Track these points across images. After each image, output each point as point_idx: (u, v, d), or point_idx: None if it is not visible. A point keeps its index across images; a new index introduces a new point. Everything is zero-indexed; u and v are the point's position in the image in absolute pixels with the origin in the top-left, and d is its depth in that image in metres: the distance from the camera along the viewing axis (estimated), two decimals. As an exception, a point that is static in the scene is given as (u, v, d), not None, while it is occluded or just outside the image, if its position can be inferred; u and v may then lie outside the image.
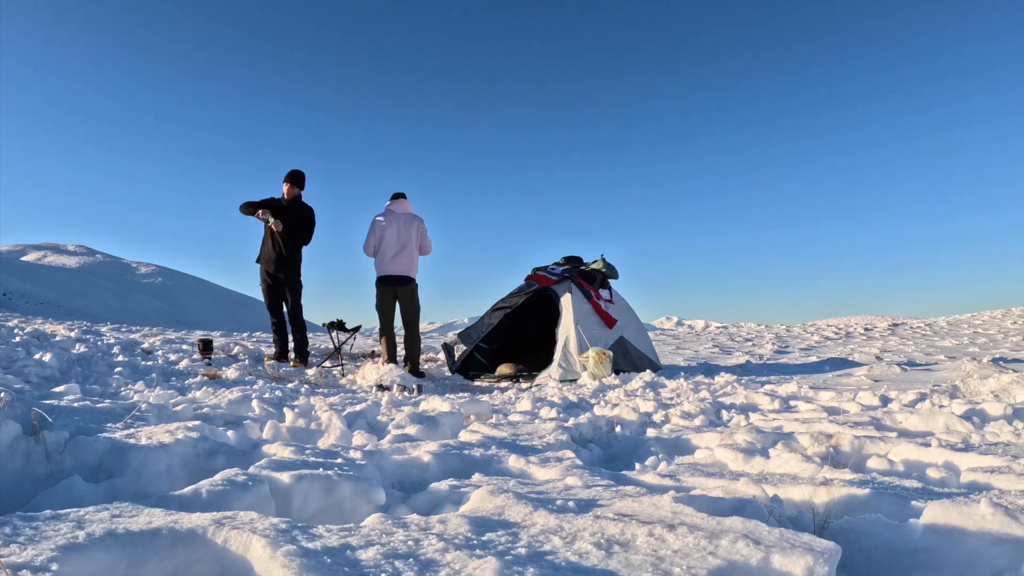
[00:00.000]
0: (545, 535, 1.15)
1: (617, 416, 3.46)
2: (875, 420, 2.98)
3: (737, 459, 2.16)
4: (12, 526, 1.08)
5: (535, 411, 3.85)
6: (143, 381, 4.69)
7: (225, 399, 3.64)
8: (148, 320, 69.70)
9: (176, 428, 1.96)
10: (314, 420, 2.99)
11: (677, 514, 1.21)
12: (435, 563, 1.00)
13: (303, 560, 0.97)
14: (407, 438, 2.66)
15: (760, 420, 3.27)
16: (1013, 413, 3.02)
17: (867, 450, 2.29)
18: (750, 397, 4.29)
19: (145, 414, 2.71)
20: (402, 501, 1.69)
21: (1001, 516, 1.19)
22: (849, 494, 1.52)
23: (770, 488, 1.59)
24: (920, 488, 1.64)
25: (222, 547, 1.07)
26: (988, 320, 15.07)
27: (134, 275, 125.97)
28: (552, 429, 2.76)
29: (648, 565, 1.00)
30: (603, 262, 7.80)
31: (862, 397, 4.01)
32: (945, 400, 3.65)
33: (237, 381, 5.33)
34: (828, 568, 0.97)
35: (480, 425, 2.94)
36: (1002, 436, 2.54)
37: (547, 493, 1.52)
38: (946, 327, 13.74)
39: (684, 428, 3.07)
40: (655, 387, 5.29)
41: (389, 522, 1.21)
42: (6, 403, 1.82)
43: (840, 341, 11.59)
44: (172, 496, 1.37)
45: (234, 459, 1.89)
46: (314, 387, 5.48)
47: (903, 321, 17.30)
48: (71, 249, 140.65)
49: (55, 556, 0.96)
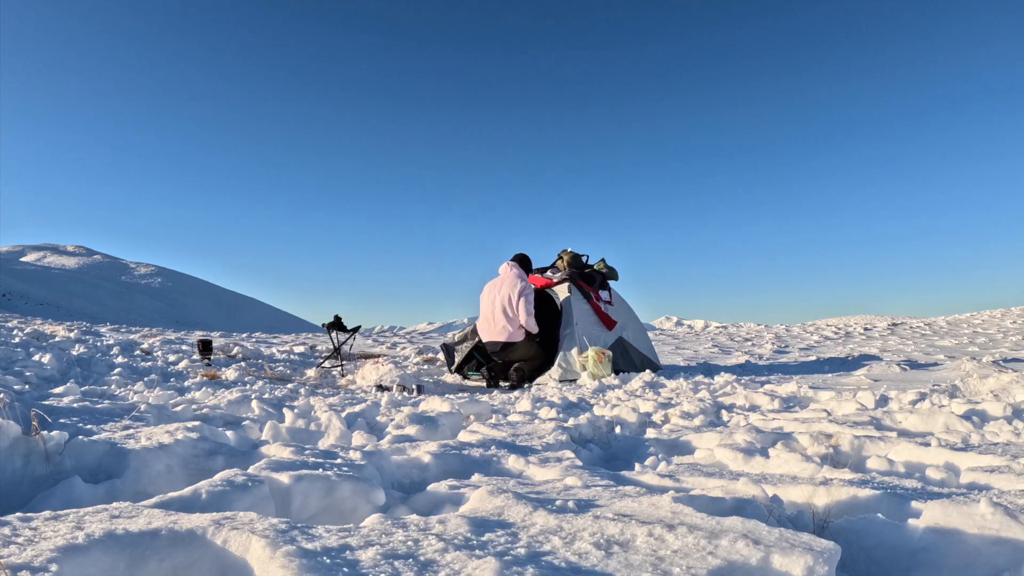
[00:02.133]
0: (545, 535, 1.15)
1: (617, 416, 3.46)
2: (875, 420, 2.98)
3: (737, 459, 2.16)
4: (11, 527, 1.08)
5: (535, 411, 3.85)
6: (142, 382, 4.68)
7: (224, 399, 3.64)
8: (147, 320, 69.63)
9: (175, 429, 1.96)
10: (313, 421, 2.99)
11: (677, 514, 1.21)
12: (434, 563, 1.00)
13: (302, 560, 0.97)
14: (407, 438, 2.66)
15: (760, 420, 3.27)
16: (1013, 413, 3.02)
17: (867, 450, 2.29)
18: (750, 397, 4.29)
19: (144, 415, 2.71)
20: (402, 501, 1.69)
21: (1001, 516, 1.19)
22: (849, 494, 1.52)
23: (770, 488, 1.59)
24: (920, 488, 1.64)
25: (222, 548, 1.07)
26: (987, 320, 15.08)
27: (133, 275, 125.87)
28: (552, 429, 2.76)
29: (648, 565, 1.00)
30: (603, 264, 7.81)
31: (861, 397, 4.01)
32: (945, 400, 3.65)
33: (236, 382, 5.33)
34: (828, 568, 0.97)
35: (479, 425, 2.94)
36: (1002, 436, 2.54)
37: (547, 493, 1.52)
38: (945, 327, 13.75)
39: (684, 428, 3.07)
40: (655, 387, 5.29)
41: (388, 522, 1.21)
42: (5, 404, 1.82)
43: (840, 341, 11.60)
44: (172, 497, 1.37)
45: (234, 460, 1.88)
46: (314, 387, 5.47)
47: (903, 321, 17.31)
48: (70, 250, 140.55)
49: (54, 557, 0.96)
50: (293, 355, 8.28)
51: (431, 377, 7.02)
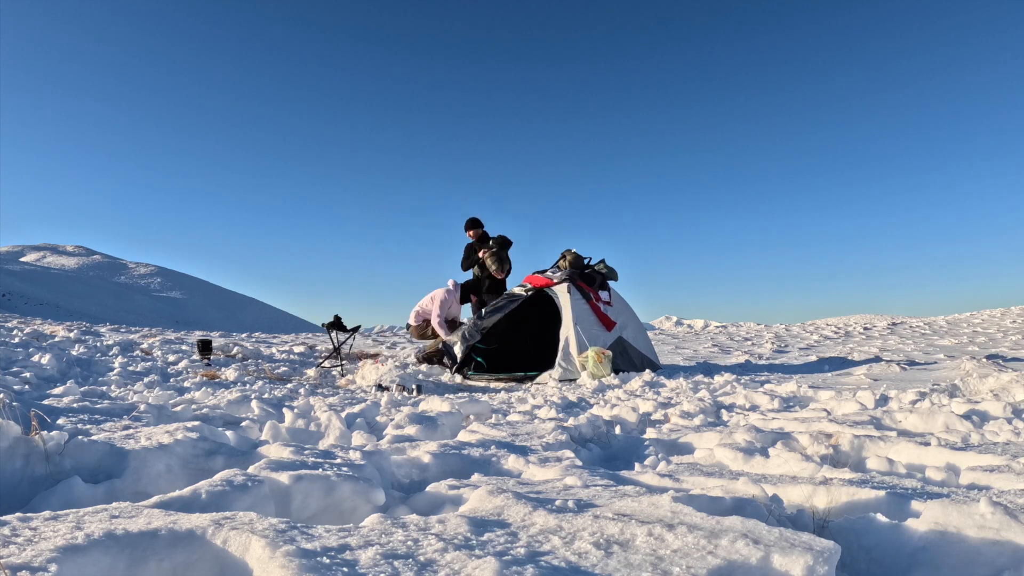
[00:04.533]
0: (544, 535, 1.15)
1: (616, 416, 3.46)
2: (874, 419, 2.98)
3: (736, 458, 2.16)
4: (11, 527, 1.08)
5: (534, 411, 3.85)
6: (142, 382, 4.68)
7: (224, 400, 3.64)
8: (147, 320, 69.62)
9: (175, 428, 1.96)
10: (313, 420, 2.99)
11: (676, 514, 1.21)
12: (434, 563, 1.00)
13: (302, 560, 0.97)
14: (406, 438, 2.66)
15: (759, 420, 3.27)
16: (1013, 412, 3.02)
17: (867, 449, 2.29)
18: (749, 397, 4.29)
19: (144, 414, 2.71)
20: (401, 501, 1.69)
21: (1001, 515, 1.19)
22: (849, 494, 1.52)
23: (769, 488, 1.59)
24: (920, 487, 1.64)
25: (221, 548, 1.07)
26: (987, 319, 15.07)
27: (133, 276, 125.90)
28: (551, 429, 2.75)
29: (647, 565, 1.00)
30: (603, 265, 7.83)
31: (861, 396, 4.01)
32: (945, 399, 3.65)
33: (236, 381, 5.33)
34: (828, 567, 0.97)
35: (479, 425, 2.93)
36: (1002, 435, 2.54)
37: (546, 493, 1.52)
38: (945, 326, 13.75)
39: (684, 428, 3.07)
40: (655, 387, 5.29)
41: (388, 522, 1.21)
42: (5, 404, 1.82)
43: (840, 340, 11.59)
44: (171, 497, 1.37)
45: (233, 460, 1.88)
46: (313, 387, 5.47)
47: (902, 320, 17.31)
48: (70, 250, 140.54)
49: (54, 557, 0.96)
50: (293, 355, 8.28)
51: (431, 377, 7.02)
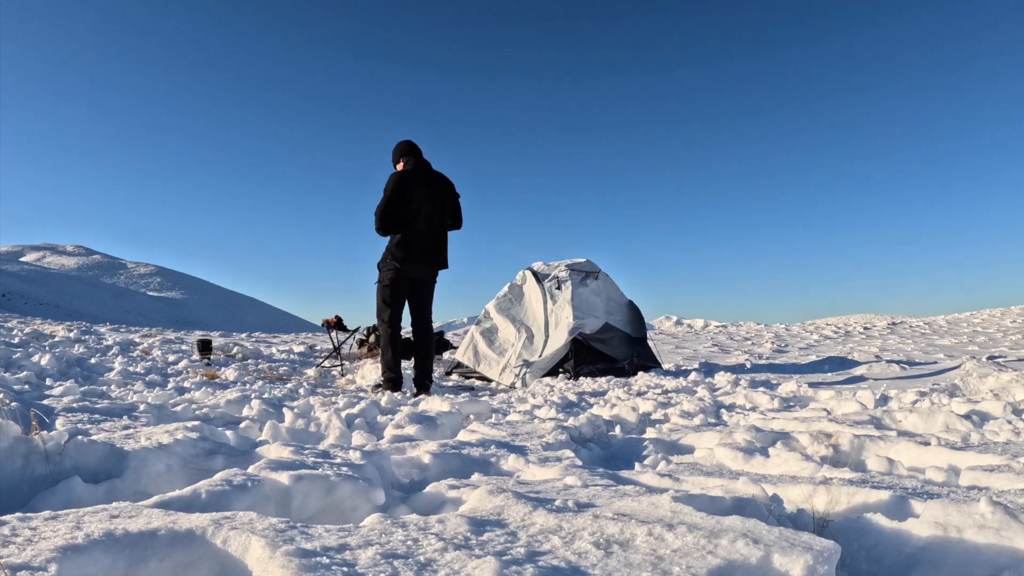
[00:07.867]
0: (544, 535, 1.15)
1: (616, 415, 3.46)
2: (874, 419, 2.98)
3: (736, 458, 2.15)
4: (11, 527, 1.08)
5: (534, 411, 3.85)
6: (142, 381, 4.68)
7: (224, 399, 3.64)
8: (147, 320, 69.61)
9: (175, 428, 1.96)
10: (313, 420, 2.99)
11: (676, 513, 1.21)
12: (434, 563, 1.00)
13: (301, 560, 0.97)
14: (406, 438, 2.66)
15: (759, 419, 3.27)
16: (1013, 412, 3.02)
17: (867, 449, 2.29)
18: (749, 396, 4.29)
19: (144, 415, 2.70)
20: (401, 501, 1.69)
21: (1001, 515, 1.18)
22: (849, 493, 1.52)
23: (769, 487, 1.59)
24: (920, 487, 1.64)
25: (221, 548, 1.07)
26: (987, 319, 15.07)
27: (133, 275, 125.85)
28: (551, 429, 2.75)
29: (647, 565, 1.00)
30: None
31: (861, 396, 4.01)
32: (945, 399, 3.65)
33: (236, 381, 5.33)
34: (828, 567, 0.97)
35: (479, 425, 2.93)
36: (1002, 435, 2.54)
37: (546, 493, 1.52)
38: (945, 326, 13.74)
39: (683, 427, 3.07)
40: (655, 387, 5.29)
41: (388, 522, 1.21)
42: (5, 404, 1.82)
43: (839, 340, 11.59)
44: (171, 497, 1.37)
45: (233, 459, 1.88)
46: (313, 387, 5.47)
47: (902, 320, 17.31)
48: (70, 250, 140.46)
49: (54, 557, 0.96)
50: (293, 355, 8.28)
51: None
